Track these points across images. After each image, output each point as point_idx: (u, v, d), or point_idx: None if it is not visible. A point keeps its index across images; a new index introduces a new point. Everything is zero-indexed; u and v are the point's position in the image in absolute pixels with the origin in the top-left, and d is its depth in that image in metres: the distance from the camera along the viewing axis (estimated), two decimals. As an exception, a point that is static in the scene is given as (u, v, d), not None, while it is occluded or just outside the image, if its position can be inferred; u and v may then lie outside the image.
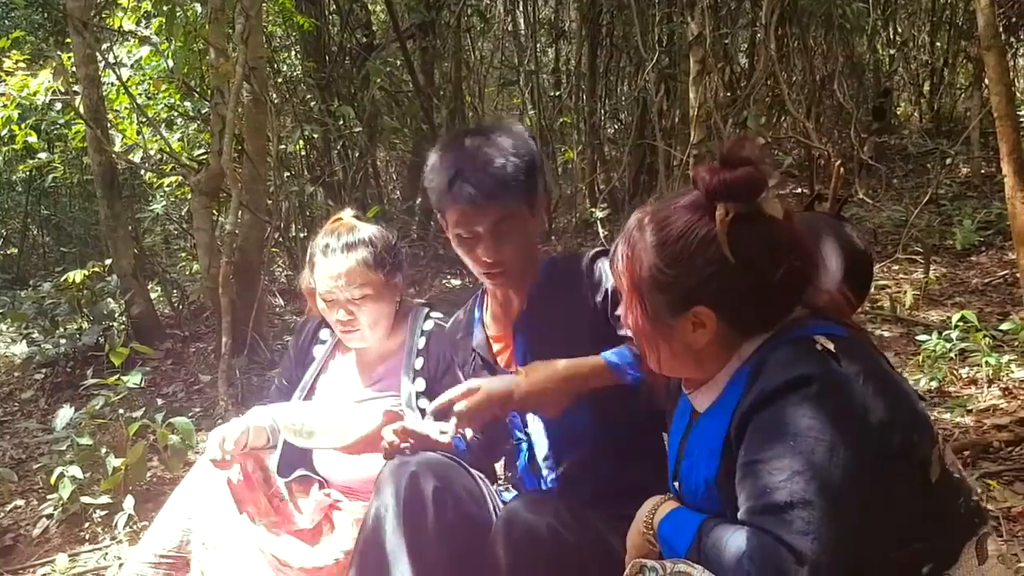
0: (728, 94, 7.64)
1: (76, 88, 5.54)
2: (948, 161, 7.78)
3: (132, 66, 6.86)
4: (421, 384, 2.26)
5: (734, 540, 1.23)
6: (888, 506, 1.24)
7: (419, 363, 2.29)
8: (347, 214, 2.41)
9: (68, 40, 6.02)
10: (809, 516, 1.17)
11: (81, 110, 5.50)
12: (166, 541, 2.17)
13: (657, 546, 1.39)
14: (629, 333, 1.48)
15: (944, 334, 3.75)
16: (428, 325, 2.35)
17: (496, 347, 2.01)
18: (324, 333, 2.47)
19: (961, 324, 3.77)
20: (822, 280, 1.46)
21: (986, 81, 5.66)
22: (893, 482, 1.24)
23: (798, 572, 1.16)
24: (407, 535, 1.76)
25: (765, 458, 1.22)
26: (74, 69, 5.57)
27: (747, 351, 1.36)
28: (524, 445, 1.99)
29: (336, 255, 2.25)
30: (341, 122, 7.17)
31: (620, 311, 1.47)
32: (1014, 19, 8.17)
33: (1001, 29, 6.57)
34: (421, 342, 2.31)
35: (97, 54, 5.69)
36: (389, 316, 2.33)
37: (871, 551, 1.25)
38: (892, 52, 9.59)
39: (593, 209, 7.50)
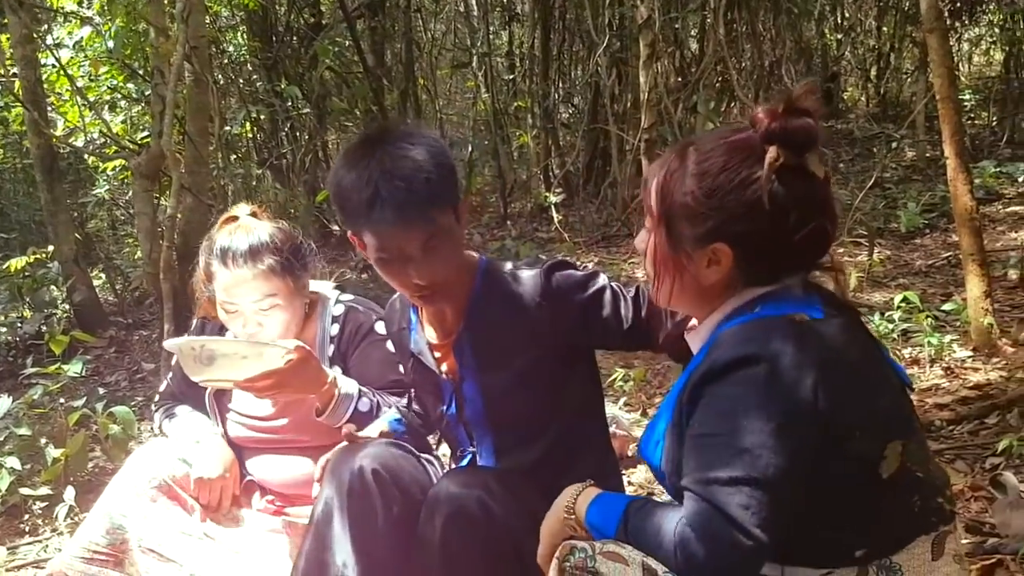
0: (679, 79, 7.66)
1: (13, 70, 5.39)
2: (894, 145, 7.89)
3: (73, 47, 6.70)
4: (337, 371, 2.14)
5: (670, 514, 1.26)
6: (818, 490, 1.26)
7: (331, 350, 2.17)
8: (243, 211, 2.19)
9: (6, 20, 5.84)
10: (752, 492, 1.19)
11: (18, 93, 5.34)
12: (98, 537, 2.08)
13: (579, 531, 1.40)
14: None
15: (887, 315, 3.80)
16: (338, 310, 2.20)
17: (437, 354, 1.91)
18: (231, 336, 2.23)
19: (904, 305, 3.82)
20: None
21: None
22: (824, 469, 1.25)
23: (736, 542, 1.19)
24: (354, 528, 1.72)
25: (712, 433, 1.25)
26: (11, 50, 5.41)
27: (737, 302, 1.37)
28: (469, 455, 1.96)
29: (238, 264, 2.05)
30: (289, 103, 7.07)
31: (637, 239, 1.48)
32: (958, 3, 8.31)
33: (946, 13, 6.67)
34: (334, 329, 2.18)
35: (34, 35, 5.53)
36: (299, 318, 2.17)
37: (800, 530, 1.27)
38: (839, 37, 9.69)
39: (548, 194, 7.50)
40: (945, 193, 6.00)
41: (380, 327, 2.14)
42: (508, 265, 1.86)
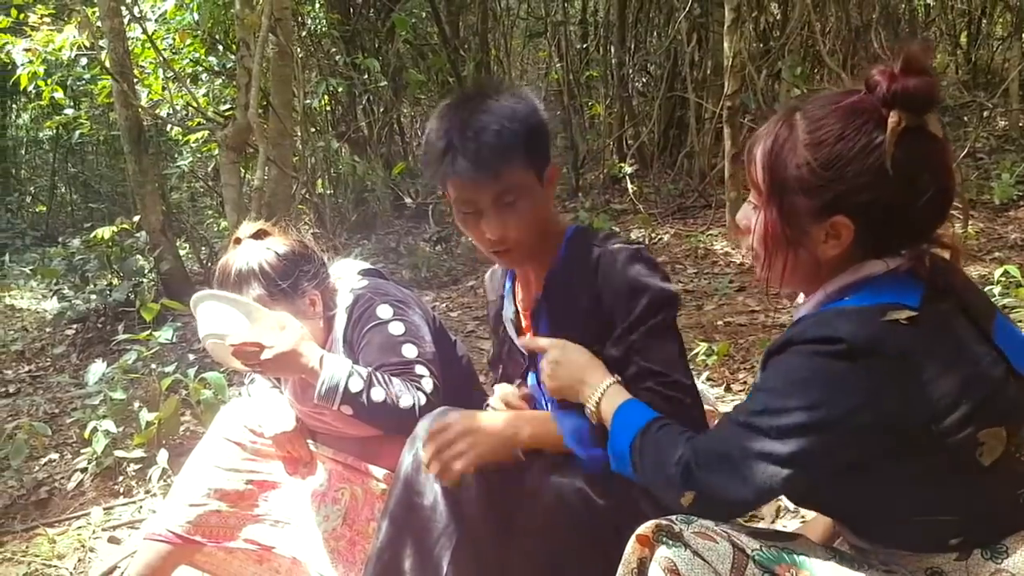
0: (761, 44, 7.47)
1: (101, 43, 5.50)
2: (985, 114, 7.61)
3: (157, 20, 6.82)
4: (335, 356, 2.05)
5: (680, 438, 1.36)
6: (906, 478, 1.24)
7: (342, 343, 2.10)
8: (246, 232, 2.13)
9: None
10: (765, 465, 1.23)
11: (107, 64, 5.46)
12: (196, 496, 2.15)
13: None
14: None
15: (986, 290, 3.67)
16: (348, 300, 2.12)
17: (524, 323, 1.88)
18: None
19: (1003, 279, 3.68)
20: None
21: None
22: (906, 460, 1.22)
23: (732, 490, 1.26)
24: (445, 487, 1.71)
25: (767, 388, 1.26)
26: (99, 24, 5.53)
27: (847, 280, 1.31)
28: None
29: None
30: (366, 76, 7.10)
31: (740, 215, 1.40)
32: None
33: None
34: (344, 321, 2.11)
35: (122, 7, 5.64)
36: (316, 327, 2.09)
37: (892, 513, 1.27)
38: (929, 1, 9.33)
39: (621, 164, 7.42)
40: (1042, 163, 5.77)
41: (382, 311, 2.07)
42: (598, 238, 1.78)
